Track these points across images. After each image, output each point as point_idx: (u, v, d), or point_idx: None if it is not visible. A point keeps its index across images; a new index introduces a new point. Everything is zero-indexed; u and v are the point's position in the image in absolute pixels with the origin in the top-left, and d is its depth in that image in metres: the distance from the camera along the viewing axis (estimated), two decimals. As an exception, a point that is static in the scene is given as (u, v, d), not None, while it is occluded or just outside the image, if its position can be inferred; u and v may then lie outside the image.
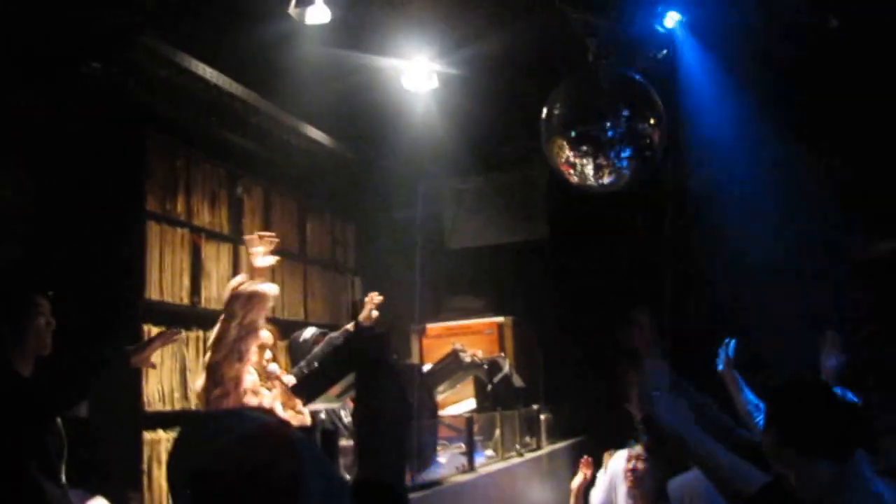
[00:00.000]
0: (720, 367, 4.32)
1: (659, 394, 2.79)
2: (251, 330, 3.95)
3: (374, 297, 5.37)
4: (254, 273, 4.18)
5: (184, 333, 5.67)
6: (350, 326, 5.24)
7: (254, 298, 3.97)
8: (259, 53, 5.67)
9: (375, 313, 5.33)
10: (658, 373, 2.91)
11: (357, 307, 5.38)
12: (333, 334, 5.16)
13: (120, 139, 5.38)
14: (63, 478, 3.36)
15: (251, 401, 3.93)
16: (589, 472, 5.33)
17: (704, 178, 6.50)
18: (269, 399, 4.05)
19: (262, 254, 4.27)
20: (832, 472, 2.53)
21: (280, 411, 4.09)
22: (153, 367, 4.03)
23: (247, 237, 4.51)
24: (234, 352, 3.88)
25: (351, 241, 8.37)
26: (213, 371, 3.86)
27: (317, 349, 5.06)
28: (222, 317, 3.97)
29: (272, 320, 6.69)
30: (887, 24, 5.54)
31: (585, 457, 5.45)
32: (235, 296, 3.97)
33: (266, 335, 4.16)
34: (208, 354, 3.95)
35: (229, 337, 3.88)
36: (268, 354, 4.25)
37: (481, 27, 5.68)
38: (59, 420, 3.44)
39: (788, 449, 2.59)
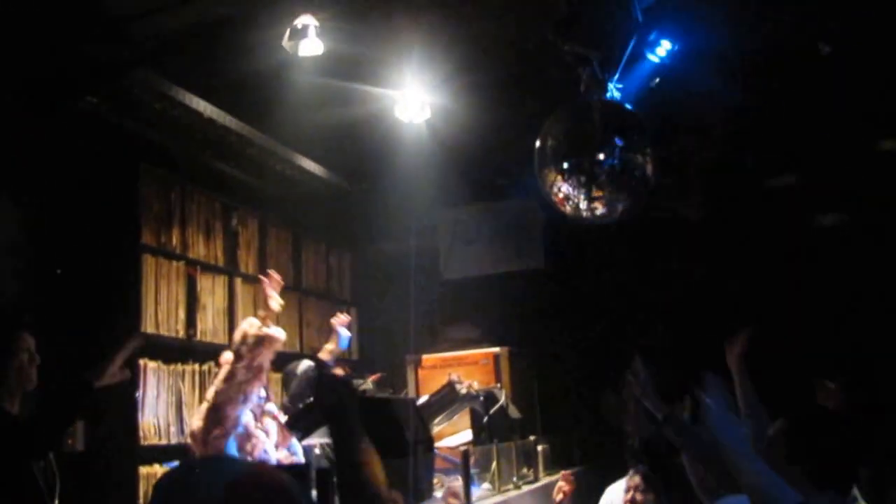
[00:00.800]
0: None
1: (712, 401, 2.84)
2: (258, 373, 3.96)
3: (341, 317, 5.33)
4: (267, 315, 4.21)
5: (179, 365, 5.67)
6: (322, 355, 5.21)
7: (264, 342, 4.01)
8: (253, 86, 5.69)
9: (346, 332, 5.30)
10: (716, 385, 2.94)
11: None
12: (306, 367, 5.13)
13: (115, 172, 5.39)
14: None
15: (246, 444, 3.91)
16: (568, 488, 5.27)
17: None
18: (264, 441, 4.03)
19: (273, 296, 4.32)
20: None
21: (273, 452, 4.06)
22: (127, 377, 3.97)
23: (262, 278, 4.55)
24: (239, 393, 3.88)
25: (346, 272, 8.37)
26: (215, 411, 3.84)
27: (294, 384, 5.03)
28: (230, 358, 3.97)
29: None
30: (879, 51, 5.59)
31: (564, 472, 5.41)
32: (247, 338, 3.97)
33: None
34: (211, 394, 3.93)
35: (236, 378, 3.88)
36: (262, 392, 4.23)
37: (474, 58, 5.70)
38: (51, 455, 3.42)
39: (793, 470, 2.59)
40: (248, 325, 4.09)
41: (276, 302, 4.32)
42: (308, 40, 4.93)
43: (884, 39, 5.57)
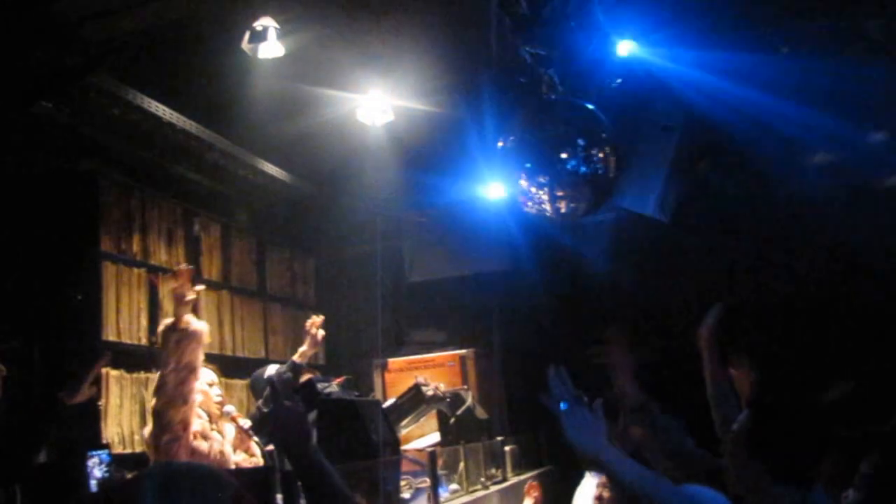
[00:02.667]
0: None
1: (566, 407, 2.64)
2: (190, 371, 3.81)
3: (316, 321, 5.28)
4: (179, 310, 3.90)
5: (142, 374, 5.61)
6: (296, 357, 5.16)
7: (184, 339, 3.83)
8: (213, 90, 5.65)
9: (321, 332, 5.25)
10: (561, 379, 2.81)
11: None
12: (281, 369, 5.09)
13: (72, 179, 5.31)
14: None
15: (202, 445, 3.85)
16: (537, 493, 5.28)
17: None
18: (220, 443, 3.97)
19: (186, 289, 3.95)
20: (795, 499, 2.53)
21: (230, 455, 4.01)
22: (94, 394, 3.92)
23: (174, 274, 4.12)
24: (177, 396, 3.76)
25: (311, 277, 8.32)
26: (158, 417, 3.75)
27: (262, 390, 4.98)
28: (161, 361, 3.88)
29: (232, 359, 6.62)
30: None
31: (530, 482, 5.42)
32: (168, 340, 3.83)
33: (208, 374, 4.09)
34: (153, 401, 3.84)
35: (169, 382, 3.77)
36: (216, 391, 4.18)
37: (435, 60, 5.70)
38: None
39: (756, 464, 2.58)
40: (164, 327, 3.92)
41: (191, 293, 3.93)
42: (268, 43, 4.89)
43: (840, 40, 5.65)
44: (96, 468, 3.94)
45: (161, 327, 3.96)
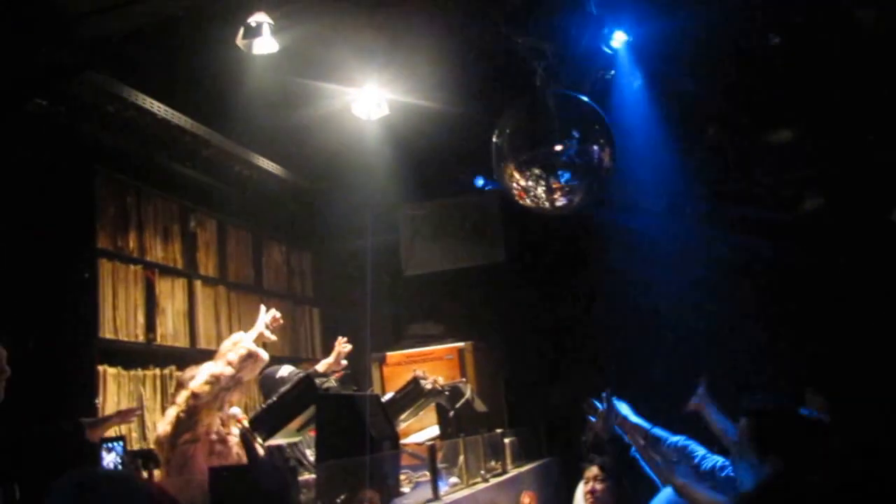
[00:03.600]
0: (695, 401, 4.35)
1: None
2: (237, 385, 3.96)
3: (341, 340, 5.36)
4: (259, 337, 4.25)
5: (139, 371, 5.61)
6: (319, 368, 5.21)
7: (252, 358, 4.02)
8: (208, 86, 5.64)
9: (347, 348, 5.33)
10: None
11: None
12: (294, 370, 5.12)
13: (68, 176, 5.31)
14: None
15: (220, 448, 3.87)
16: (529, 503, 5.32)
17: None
18: (238, 445, 3.99)
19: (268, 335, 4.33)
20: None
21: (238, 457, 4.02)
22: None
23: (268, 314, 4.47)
24: (217, 399, 3.85)
25: (308, 272, 8.32)
26: (188, 416, 3.78)
27: (273, 386, 5.00)
28: (218, 363, 3.93)
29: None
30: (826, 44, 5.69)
31: (525, 491, 5.45)
32: (241, 351, 3.99)
33: None
34: (183, 398, 3.85)
35: (220, 384, 3.84)
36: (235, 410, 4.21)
37: (430, 53, 5.69)
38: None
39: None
40: (241, 338, 4.10)
41: (271, 336, 4.33)
42: (262, 38, 4.88)
43: (830, 31, 5.67)
44: (107, 458, 3.97)
45: (236, 336, 4.13)
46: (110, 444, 3.98)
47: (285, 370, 5.20)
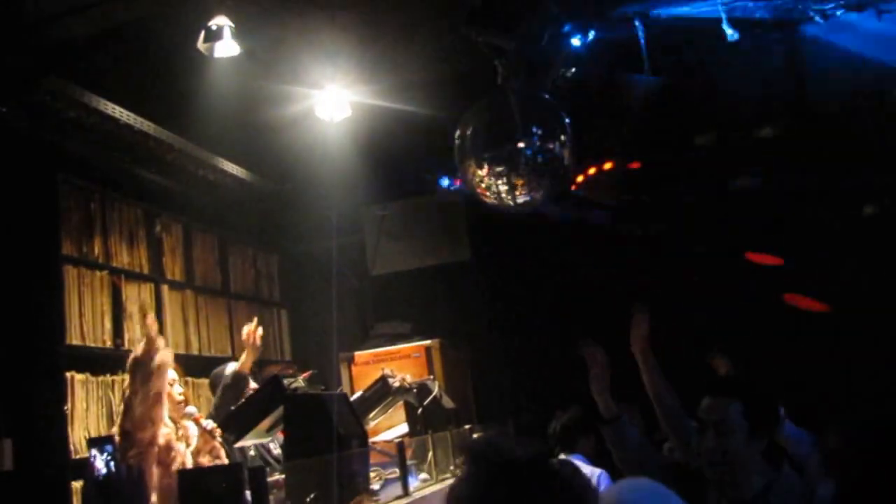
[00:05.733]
0: None
1: None
2: (157, 398, 3.85)
3: (252, 329, 5.25)
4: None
5: (108, 376, 5.60)
6: (239, 369, 5.17)
7: (151, 373, 3.87)
8: (170, 90, 5.63)
9: (259, 333, 5.24)
10: None
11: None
12: (233, 370, 5.13)
13: (31, 183, 5.28)
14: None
15: (166, 458, 3.87)
16: None
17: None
18: (183, 454, 3.98)
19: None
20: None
21: (190, 461, 4.01)
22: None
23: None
24: (145, 420, 3.80)
25: (275, 274, 8.33)
26: (126, 436, 3.77)
27: (222, 387, 5.02)
28: (127, 388, 3.90)
29: (197, 358, 6.62)
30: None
31: None
32: (136, 368, 3.88)
33: (170, 372, 4.11)
34: (119, 419, 3.86)
35: (136, 408, 3.79)
36: (178, 389, 4.21)
37: (392, 54, 5.73)
38: None
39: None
40: (131, 359, 3.95)
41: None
42: (223, 42, 4.88)
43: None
44: (99, 459, 3.95)
45: (133, 353, 3.98)
46: (101, 445, 3.97)
47: (230, 367, 5.22)
